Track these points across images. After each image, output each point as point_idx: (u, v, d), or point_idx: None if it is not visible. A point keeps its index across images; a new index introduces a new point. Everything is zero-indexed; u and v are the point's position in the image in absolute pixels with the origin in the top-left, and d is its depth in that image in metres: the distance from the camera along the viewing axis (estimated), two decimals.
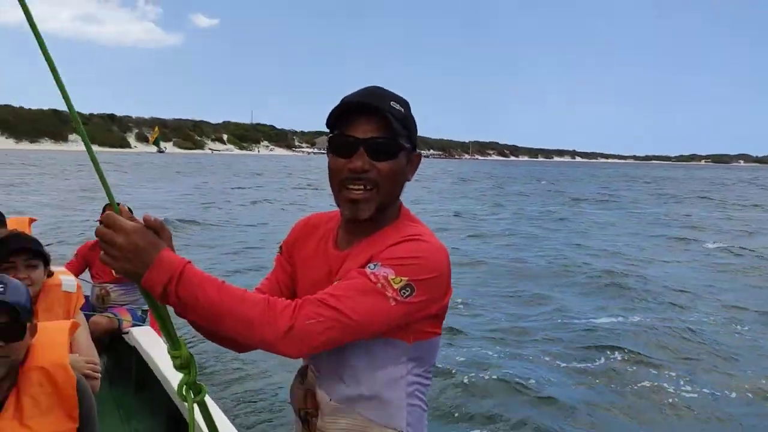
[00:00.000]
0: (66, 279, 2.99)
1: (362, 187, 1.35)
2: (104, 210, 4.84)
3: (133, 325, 4.66)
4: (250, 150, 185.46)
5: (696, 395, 6.03)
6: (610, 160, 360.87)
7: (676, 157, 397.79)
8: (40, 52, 1.13)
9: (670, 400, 5.90)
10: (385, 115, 1.32)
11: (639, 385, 6.25)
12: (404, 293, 1.29)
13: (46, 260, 2.84)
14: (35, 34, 1.14)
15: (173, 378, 3.23)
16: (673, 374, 6.55)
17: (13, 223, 3.18)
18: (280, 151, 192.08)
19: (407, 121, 1.38)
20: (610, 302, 9.83)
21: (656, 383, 6.28)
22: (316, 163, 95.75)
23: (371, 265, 1.31)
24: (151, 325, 4.67)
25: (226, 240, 15.26)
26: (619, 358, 7.01)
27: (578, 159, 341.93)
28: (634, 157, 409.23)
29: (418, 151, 1.45)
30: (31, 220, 3.63)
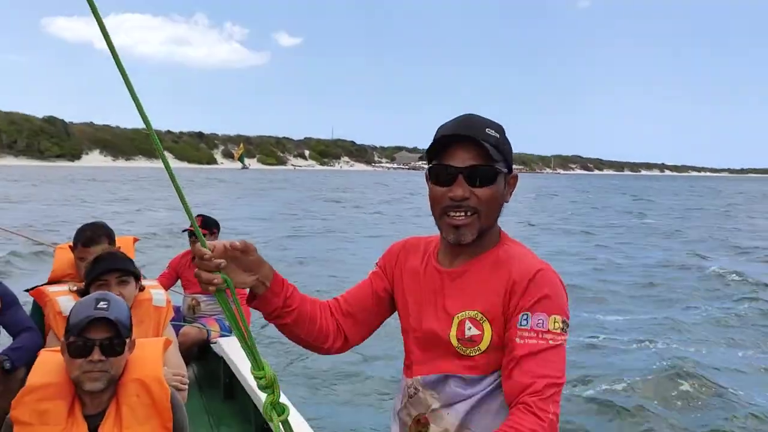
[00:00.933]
0: (156, 293, 3.10)
1: (463, 213, 1.42)
2: (191, 236, 5.05)
3: (221, 336, 4.76)
4: (331, 165, 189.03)
5: None
6: (702, 173, 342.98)
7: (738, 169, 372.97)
8: (122, 80, 1.19)
9: None
10: (480, 143, 1.38)
11: None
12: (564, 329, 1.39)
13: (136, 277, 2.95)
14: (115, 61, 1.18)
15: None
16: None
17: (119, 242, 3.39)
18: (359, 167, 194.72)
19: (502, 146, 1.43)
20: None
21: None
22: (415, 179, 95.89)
23: (523, 320, 1.37)
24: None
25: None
26: None
27: (667, 172, 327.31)
28: (729, 170, 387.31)
29: (514, 172, 1.50)
30: (135, 240, 3.81)
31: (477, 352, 1.43)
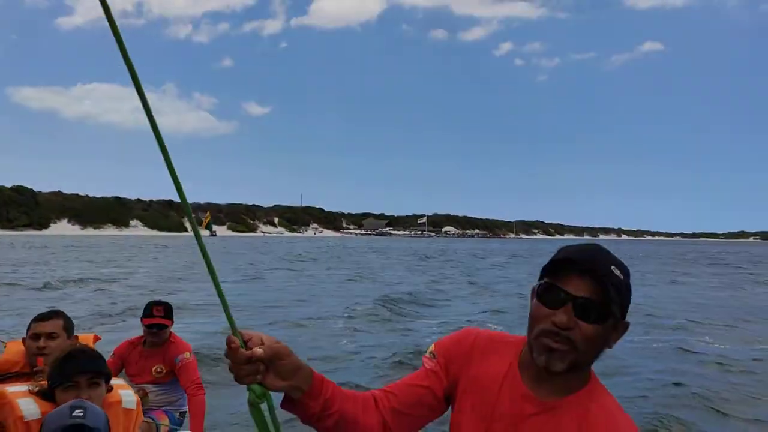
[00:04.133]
0: (126, 394, 2.83)
1: (561, 343, 1.30)
2: (151, 328, 4.49)
3: (171, 430, 4.51)
4: (300, 232, 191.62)
5: None
6: (656, 238, 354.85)
7: (724, 234, 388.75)
8: (162, 157, 1.12)
9: None
10: (601, 278, 1.28)
11: None
12: None
13: (107, 377, 2.69)
14: (156, 135, 1.10)
15: None
16: None
17: (80, 339, 3.25)
18: (328, 233, 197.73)
19: (623, 290, 1.32)
20: None
21: None
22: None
23: None
24: (190, 428, 4.45)
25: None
26: None
27: (624, 237, 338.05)
28: (681, 235, 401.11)
29: (627, 320, 1.36)
30: (96, 338, 3.54)
31: None
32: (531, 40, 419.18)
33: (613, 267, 1.32)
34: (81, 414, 2.11)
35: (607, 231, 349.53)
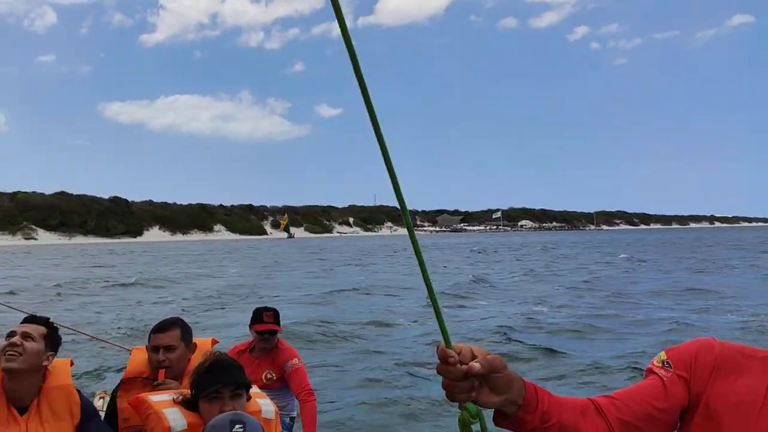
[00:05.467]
0: (264, 404, 2.82)
1: None
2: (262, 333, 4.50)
3: None
4: (375, 231, 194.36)
5: None
6: (753, 224, 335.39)
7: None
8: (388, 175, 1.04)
9: None
10: None
11: None
12: None
13: (248, 388, 2.68)
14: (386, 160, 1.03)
15: None
16: None
17: (197, 344, 3.27)
18: (402, 231, 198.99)
19: None
20: None
21: None
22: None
23: None
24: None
25: None
26: None
27: (717, 224, 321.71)
28: None
29: None
30: (214, 342, 3.55)
31: None
32: (608, 22, 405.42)
33: None
34: (241, 429, 2.18)
35: (698, 219, 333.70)
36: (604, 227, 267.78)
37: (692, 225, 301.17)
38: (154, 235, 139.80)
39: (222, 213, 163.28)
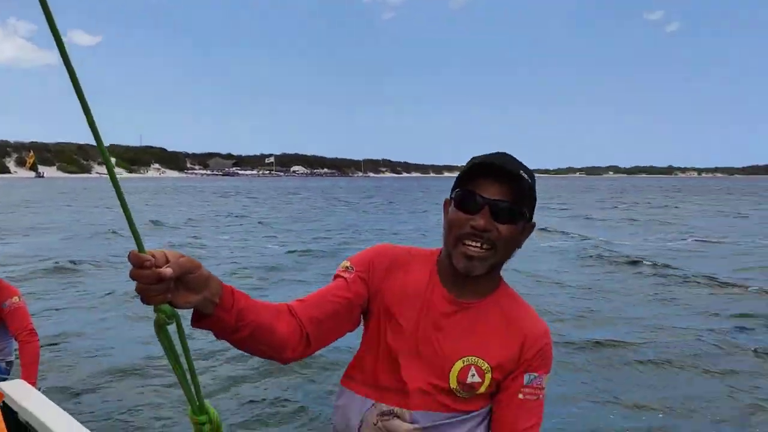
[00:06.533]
0: None
1: (479, 245, 1.38)
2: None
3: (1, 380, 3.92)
4: (141, 173, 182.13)
5: None
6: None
7: (554, 170, 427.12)
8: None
9: None
10: (514, 180, 1.37)
11: None
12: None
13: None
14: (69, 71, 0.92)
15: None
16: None
17: None
18: (171, 174, 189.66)
19: (531, 192, 1.41)
20: None
21: None
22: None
23: (527, 379, 1.44)
24: (24, 377, 3.87)
25: None
26: None
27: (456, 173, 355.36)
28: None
29: (534, 221, 1.48)
30: None
31: (469, 396, 1.44)
32: None
33: (521, 171, 1.38)
34: None
35: (451, 168, 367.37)
36: (371, 174, 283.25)
37: (446, 174, 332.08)
38: None
39: None
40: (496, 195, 1.37)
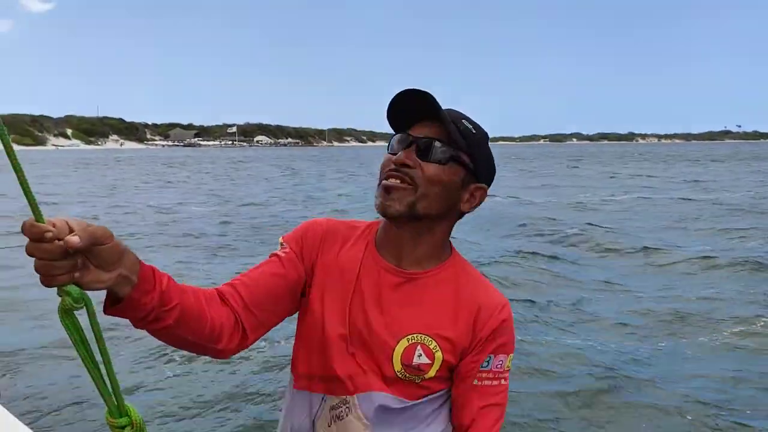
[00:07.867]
0: None
1: (399, 179, 1.25)
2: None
3: None
4: (98, 145, 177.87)
5: None
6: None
7: (519, 137, 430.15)
8: None
9: None
10: (447, 122, 1.25)
11: None
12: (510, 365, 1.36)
13: None
14: None
15: None
16: None
17: None
18: (131, 145, 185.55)
19: (474, 144, 1.29)
20: None
21: None
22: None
23: (485, 362, 1.30)
24: None
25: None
26: None
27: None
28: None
29: (484, 186, 1.33)
30: None
31: (419, 380, 1.28)
32: None
33: (464, 120, 1.29)
34: None
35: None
36: (336, 144, 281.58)
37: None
38: None
39: None
40: (423, 133, 1.28)
